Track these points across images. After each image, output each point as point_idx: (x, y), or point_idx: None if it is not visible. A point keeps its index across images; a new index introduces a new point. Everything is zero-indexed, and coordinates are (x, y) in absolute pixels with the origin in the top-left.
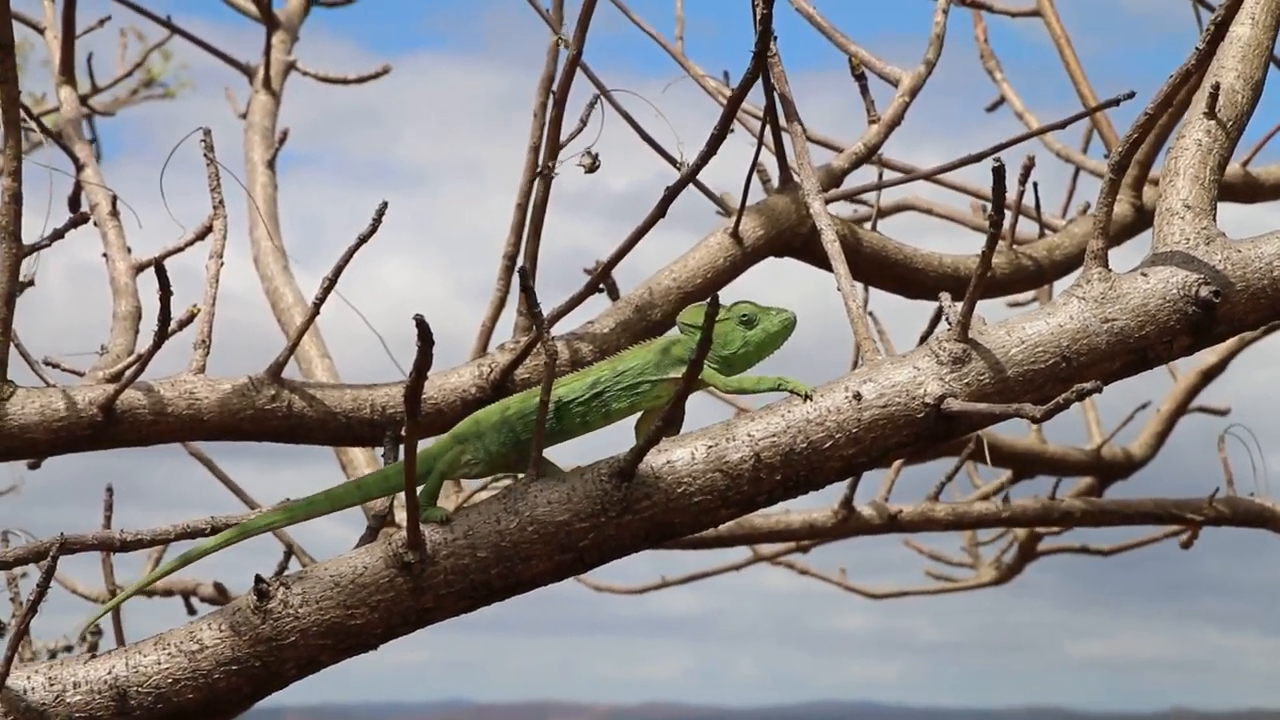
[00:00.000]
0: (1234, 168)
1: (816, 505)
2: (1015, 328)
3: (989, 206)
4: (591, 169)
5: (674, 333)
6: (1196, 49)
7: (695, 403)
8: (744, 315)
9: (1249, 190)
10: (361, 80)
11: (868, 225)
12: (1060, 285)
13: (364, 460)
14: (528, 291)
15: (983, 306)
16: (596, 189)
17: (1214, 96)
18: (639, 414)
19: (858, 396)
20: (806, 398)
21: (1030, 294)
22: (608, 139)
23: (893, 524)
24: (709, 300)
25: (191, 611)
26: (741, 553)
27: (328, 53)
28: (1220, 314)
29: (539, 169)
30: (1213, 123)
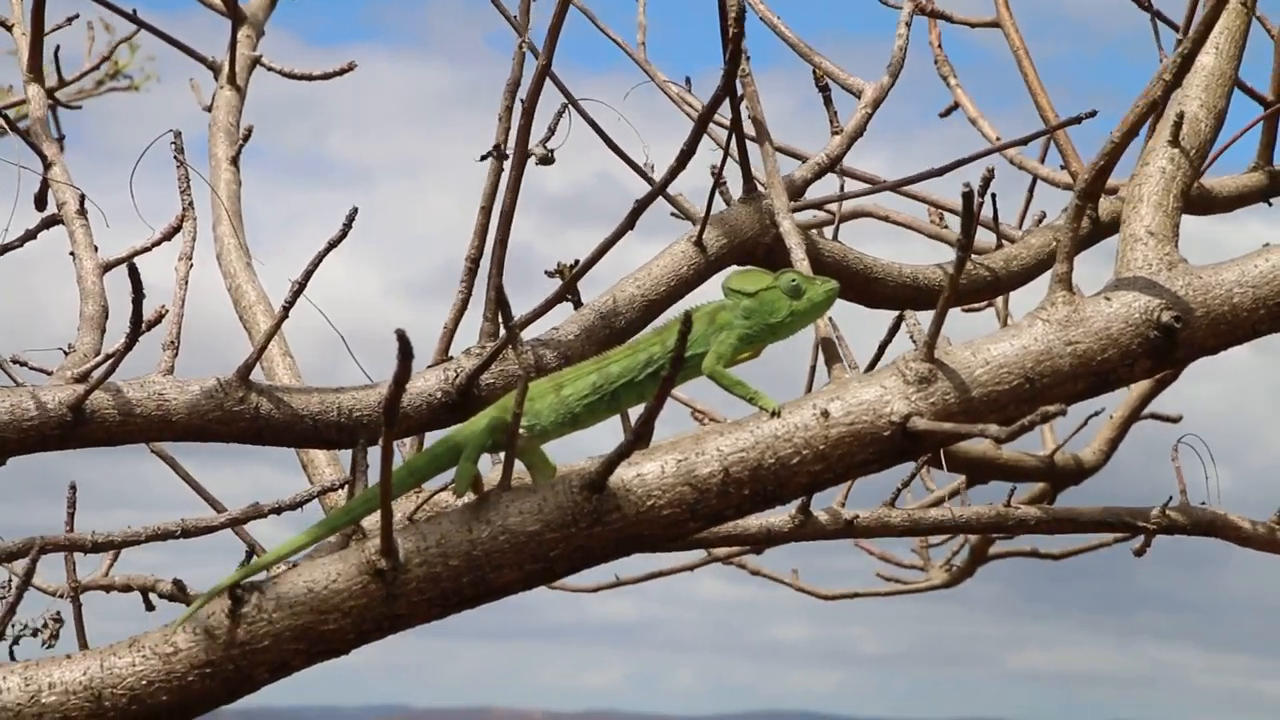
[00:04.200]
0: None
1: (774, 510)
2: (980, 348)
3: (945, 215)
4: (545, 161)
5: (719, 299)
6: (1163, 80)
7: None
8: (790, 283)
9: (1203, 203)
10: (326, 76)
11: (828, 231)
12: (1016, 296)
13: (325, 461)
14: (501, 305)
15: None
16: (533, 187)
17: (1178, 125)
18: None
19: (825, 414)
20: (775, 414)
21: (983, 302)
22: (552, 139)
23: (849, 529)
24: (681, 317)
25: (150, 608)
26: (695, 553)
27: (266, 45)
28: (1181, 339)
29: (495, 148)
30: (1176, 150)
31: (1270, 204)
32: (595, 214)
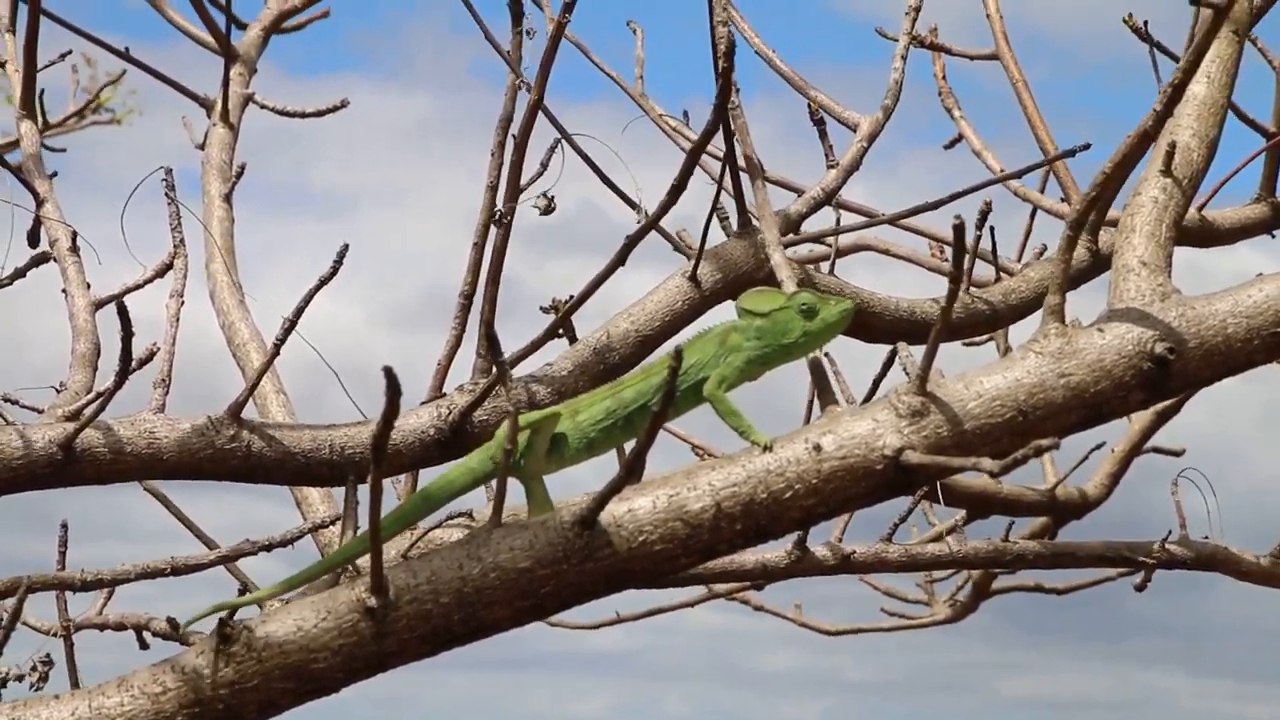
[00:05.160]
0: (1189, 212)
1: (770, 546)
2: (973, 381)
3: (946, 250)
4: (547, 211)
5: (730, 320)
6: (1155, 110)
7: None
8: (804, 305)
9: (1205, 235)
10: (320, 114)
11: (825, 265)
12: (1016, 330)
13: (319, 497)
14: (493, 341)
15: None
16: (515, 216)
17: (1170, 155)
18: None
19: (817, 448)
20: (767, 449)
21: (983, 337)
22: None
23: (846, 565)
24: (672, 353)
25: (145, 646)
26: (695, 589)
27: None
28: (1175, 370)
29: (495, 215)
30: (1169, 180)
31: (1274, 236)
32: (578, 242)
